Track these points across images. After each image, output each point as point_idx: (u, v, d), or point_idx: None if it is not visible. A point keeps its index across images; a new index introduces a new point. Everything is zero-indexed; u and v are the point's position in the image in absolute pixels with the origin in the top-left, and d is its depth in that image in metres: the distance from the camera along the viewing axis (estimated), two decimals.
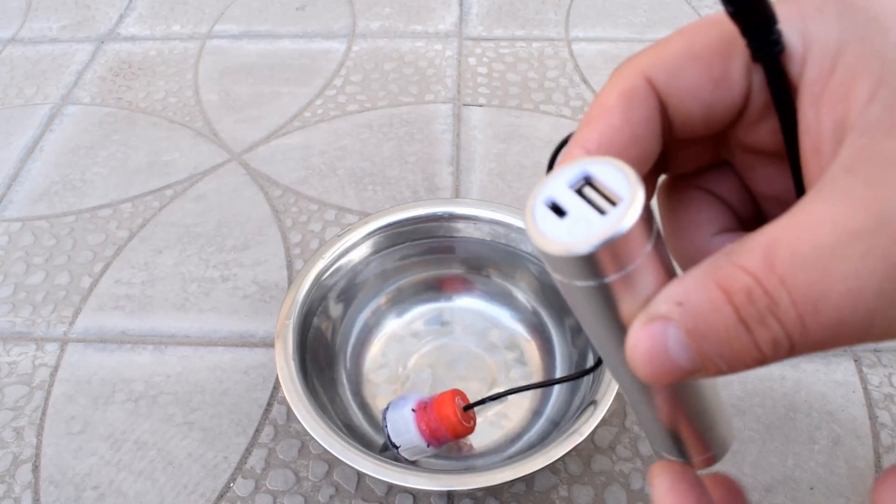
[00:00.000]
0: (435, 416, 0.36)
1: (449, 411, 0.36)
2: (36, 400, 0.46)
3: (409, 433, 0.37)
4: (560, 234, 0.13)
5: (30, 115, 0.67)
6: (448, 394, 0.37)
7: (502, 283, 0.48)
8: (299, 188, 0.59)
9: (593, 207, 0.13)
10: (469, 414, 0.38)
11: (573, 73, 0.70)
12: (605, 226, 0.12)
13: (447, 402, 0.37)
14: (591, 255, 0.12)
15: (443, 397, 0.37)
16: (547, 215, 0.13)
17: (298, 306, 0.41)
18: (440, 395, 0.37)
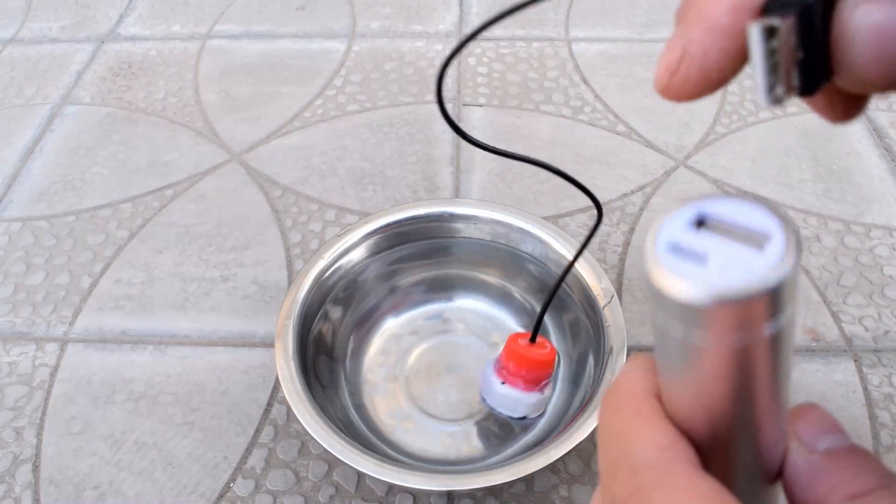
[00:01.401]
0: (514, 367, 0.36)
1: (522, 353, 0.36)
2: (36, 400, 0.46)
3: (515, 400, 0.37)
4: (706, 278, 0.10)
5: (30, 115, 0.67)
6: (509, 342, 0.37)
7: (502, 283, 0.48)
8: (299, 188, 0.59)
9: (742, 244, 0.11)
10: (539, 343, 0.37)
11: (573, 73, 0.70)
12: (773, 260, 0.10)
13: (513, 347, 0.36)
14: (773, 290, 0.10)
15: (508, 348, 0.37)
16: (677, 261, 0.11)
17: (298, 306, 0.41)
18: (504, 347, 0.37)
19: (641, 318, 0.49)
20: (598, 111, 0.66)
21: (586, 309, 0.42)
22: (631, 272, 0.52)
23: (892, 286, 0.51)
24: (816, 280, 0.51)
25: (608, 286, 0.41)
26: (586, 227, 0.55)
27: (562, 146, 0.62)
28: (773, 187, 0.59)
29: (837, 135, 0.63)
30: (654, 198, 0.57)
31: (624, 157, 0.61)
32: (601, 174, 0.59)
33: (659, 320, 0.12)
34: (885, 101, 0.67)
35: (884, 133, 0.63)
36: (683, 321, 0.11)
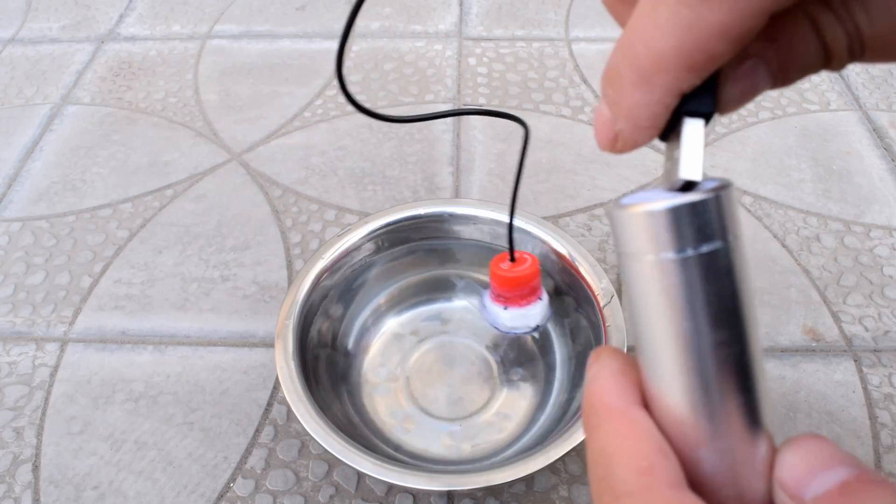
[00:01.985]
0: (508, 290, 0.38)
1: (508, 276, 0.37)
2: (36, 400, 0.46)
3: (523, 316, 0.38)
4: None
5: (30, 115, 0.67)
6: (493, 270, 0.38)
7: None
8: (299, 188, 0.59)
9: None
10: (519, 258, 0.38)
11: (573, 73, 0.70)
12: (694, 196, 0.13)
13: (498, 273, 0.38)
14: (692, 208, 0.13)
15: (494, 275, 0.38)
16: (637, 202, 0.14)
17: (298, 306, 0.41)
18: (490, 276, 0.38)
19: None
20: None
21: (586, 309, 0.42)
22: None
23: (892, 286, 0.51)
24: (816, 280, 0.51)
25: (608, 286, 0.41)
26: (586, 227, 0.55)
27: (562, 146, 0.62)
28: (773, 187, 0.59)
29: (837, 135, 0.63)
30: None
31: (624, 157, 0.61)
32: (601, 174, 0.59)
33: (630, 252, 0.14)
34: (885, 101, 0.67)
35: (884, 133, 0.63)
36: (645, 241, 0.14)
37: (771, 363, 0.47)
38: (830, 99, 0.67)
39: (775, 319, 0.49)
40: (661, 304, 0.14)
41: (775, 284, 0.51)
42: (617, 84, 0.14)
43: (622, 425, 0.14)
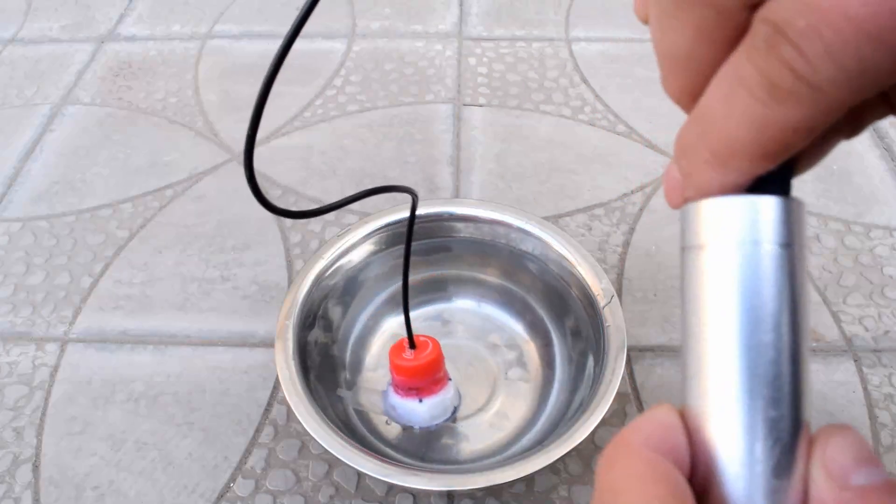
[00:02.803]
0: (409, 380, 0.37)
1: (405, 364, 0.36)
2: (36, 400, 0.46)
3: (404, 407, 0.37)
4: None
5: (30, 115, 0.67)
6: (391, 356, 0.37)
7: (502, 283, 0.48)
8: (299, 188, 0.59)
9: None
10: (418, 343, 0.37)
11: (573, 73, 0.70)
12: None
13: (396, 363, 0.36)
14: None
15: (391, 362, 0.37)
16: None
17: (298, 306, 0.41)
18: (388, 356, 0.37)
19: (641, 318, 0.49)
20: (598, 111, 0.66)
21: (586, 309, 0.42)
22: (631, 272, 0.52)
23: (892, 286, 0.51)
24: (816, 280, 0.51)
25: (608, 286, 0.41)
26: (586, 227, 0.55)
27: (562, 146, 0.62)
28: None
29: None
30: (654, 198, 0.57)
31: (624, 157, 0.61)
32: (601, 174, 0.59)
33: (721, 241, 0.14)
34: None
35: (884, 133, 0.63)
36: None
37: None
38: None
39: None
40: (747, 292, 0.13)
41: None
42: (691, 158, 0.14)
43: (638, 464, 0.13)
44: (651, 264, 0.53)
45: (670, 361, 0.47)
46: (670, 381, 0.46)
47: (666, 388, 0.45)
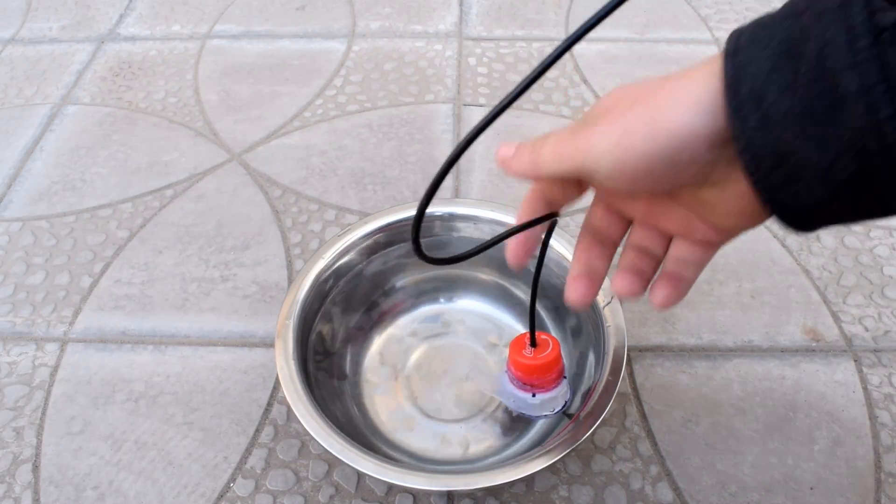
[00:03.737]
0: (531, 378, 0.36)
1: (529, 363, 0.36)
2: (36, 400, 0.46)
3: (552, 400, 0.37)
4: None
5: (30, 115, 0.67)
6: (512, 354, 0.37)
7: (502, 283, 0.48)
8: (299, 188, 0.59)
9: None
10: (540, 342, 0.37)
11: (573, 73, 0.70)
12: None
13: (519, 360, 0.36)
14: None
15: (515, 362, 0.36)
16: None
17: (298, 306, 0.41)
18: (510, 360, 0.37)
19: (641, 318, 0.49)
20: None
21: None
22: None
23: (892, 286, 0.51)
24: (816, 280, 0.52)
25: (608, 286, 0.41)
26: None
27: None
28: None
29: None
30: None
31: None
32: None
33: None
34: None
35: None
36: None
37: (771, 363, 0.47)
38: None
39: (775, 319, 0.49)
40: None
41: (775, 284, 0.51)
42: (538, 151, 0.27)
43: None
44: None
45: (670, 361, 0.47)
46: (670, 381, 0.46)
47: (666, 388, 0.45)
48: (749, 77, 0.20)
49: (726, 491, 0.41)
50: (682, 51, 0.72)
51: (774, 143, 0.20)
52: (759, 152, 0.20)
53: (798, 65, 0.19)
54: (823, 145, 0.19)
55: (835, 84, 0.18)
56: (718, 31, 0.75)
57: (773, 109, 0.19)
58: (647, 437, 0.43)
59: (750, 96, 0.20)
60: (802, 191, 0.20)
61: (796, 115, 0.19)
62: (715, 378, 0.46)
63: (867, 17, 0.18)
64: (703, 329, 0.49)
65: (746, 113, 0.20)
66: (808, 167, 0.19)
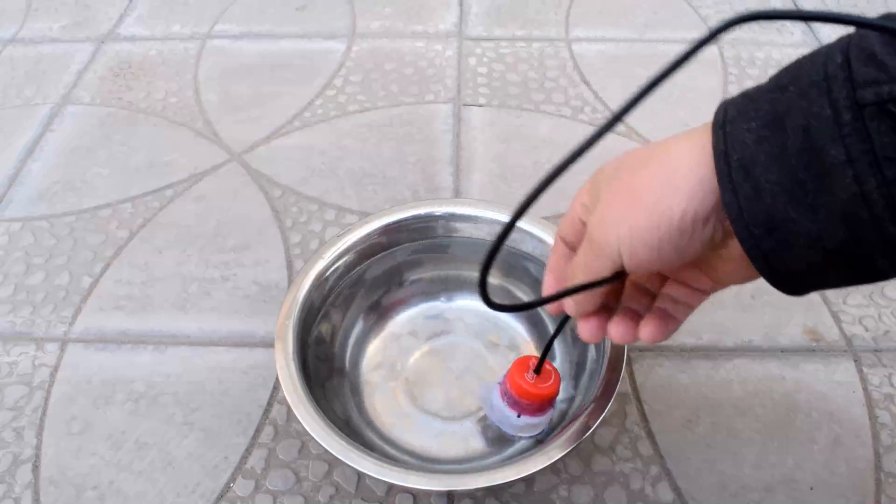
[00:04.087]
0: (524, 401, 0.36)
1: (529, 389, 0.36)
2: (36, 400, 0.46)
3: (533, 426, 0.37)
4: None
5: (30, 115, 0.67)
6: (515, 373, 0.36)
7: (502, 283, 0.48)
8: (299, 188, 0.59)
9: None
10: (546, 372, 0.36)
11: (573, 73, 0.70)
12: None
13: (519, 384, 0.36)
14: None
15: (515, 384, 0.36)
16: None
17: (298, 306, 0.41)
18: (510, 378, 0.37)
19: None
20: (599, 111, 0.66)
21: None
22: None
23: (892, 286, 0.51)
24: None
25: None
26: None
27: (562, 146, 0.62)
28: None
29: None
30: None
31: None
32: None
33: None
34: None
35: None
36: None
37: (771, 363, 0.47)
38: None
39: (775, 319, 0.49)
40: None
41: None
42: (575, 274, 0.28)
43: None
44: None
45: (670, 361, 0.47)
46: (670, 382, 0.46)
47: (666, 388, 0.45)
48: (738, 148, 0.21)
49: (726, 491, 0.41)
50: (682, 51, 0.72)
51: (765, 212, 0.20)
52: (751, 220, 0.21)
53: (784, 137, 0.20)
54: (814, 214, 0.20)
55: (822, 156, 0.19)
56: None
57: (762, 179, 0.20)
58: (647, 437, 0.43)
59: (739, 167, 0.21)
60: (794, 257, 0.21)
61: (785, 184, 0.20)
62: (715, 378, 0.46)
63: (850, 93, 0.19)
64: (703, 329, 0.49)
65: (737, 183, 0.21)
66: (799, 235, 0.20)
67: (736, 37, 0.74)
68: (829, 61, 0.20)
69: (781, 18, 0.20)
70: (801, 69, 0.21)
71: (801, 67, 0.21)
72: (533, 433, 0.39)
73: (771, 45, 0.73)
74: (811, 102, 0.19)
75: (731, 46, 0.73)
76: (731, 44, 0.73)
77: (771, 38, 0.74)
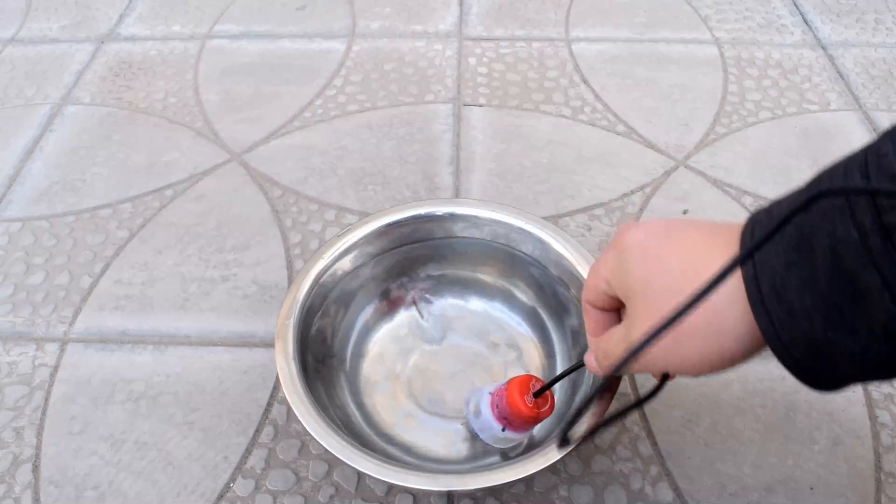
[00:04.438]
0: (514, 419, 0.36)
1: (524, 411, 0.36)
2: (36, 400, 0.46)
3: (509, 440, 0.38)
4: None
5: (30, 115, 0.67)
6: (514, 390, 0.36)
7: (502, 283, 0.48)
8: (299, 188, 0.59)
9: None
10: (543, 398, 0.37)
11: (573, 73, 0.70)
12: None
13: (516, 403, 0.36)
14: None
15: (512, 400, 0.36)
16: None
17: (298, 306, 0.41)
18: (508, 393, 0.36)
19: None
20: (598, 111, 0.66)
21: None
22: None
23: None
24: None
25: None
26: (586, 227, 0.55)
27: (562, 146, 0.62)
28: (772, 187, 0.59)
29: (837, 135, 0.63)
30: (654, 198, 0.58)
31: (624, 157, 0.61)
32: (601, 174, 0.59)
33: None
34: (885, 101, 0.67)
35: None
36: None
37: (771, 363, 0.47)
38: (830, 99, 0.67)
39: None
40: None
41: None
42: (601, 362, 0.31)
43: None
44: None
45: None
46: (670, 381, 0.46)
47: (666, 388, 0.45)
48: (768, 273, 0.21)
49: (726, 491, 0.41)
50: (681, 51, 0.72)
51: (803, 335, 0.21)
52: (790, 343, 0.21)
53: (814, 261, 0.20)
54: (854, 335, 0.20)
55: (855, 281, 0.19)
56: (718, 31, 0.75)
57: (797, 305, 0.21)
58: (647, 437, 0.43)
59: (771, 292, 0.21)
60: (836, 371, 0.21)
61: (821, 308, 0.20)
62: (715, 378, 0.46)
63: (875, 217, 0.19)
64: None
65: (770, 308, 0.21)
66: (841, 353, 0.20)
67: (736, 37, 0.74)
68: (849, 181, 0.20)
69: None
70: (821, 187, 0.20)
71: (821, 185, 0.21)
72: (508, 446, 0.39)
73: (771, 45, 0.74)
74: (835, 226, 0.19)
75: (731, 46, 0.73)
76: (731, 44, 0.73)
77: (771, 38, 0.74)
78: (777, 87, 0.68)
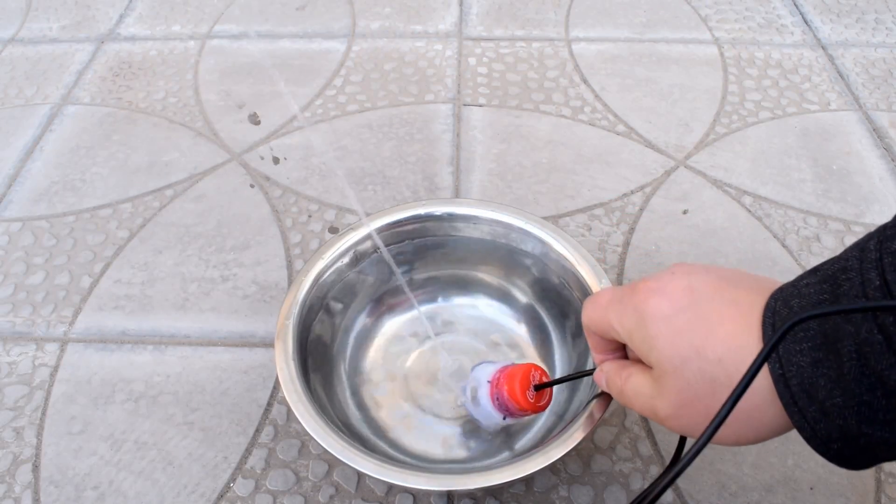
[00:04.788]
0: (512, 405, 0.36)
1: (522, 401, 0.36)
2: (36, 400, 0.46)
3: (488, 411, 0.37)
4: None
5: (30, 115, 0.67)
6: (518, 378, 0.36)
7: (502, 283, 0.48)
8: (299, 188, 0.59)
9: None
10: (543, 392, 0.37)
11: (573, 73, 0.70)
12: None
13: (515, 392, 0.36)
14: None
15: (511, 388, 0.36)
16: None
17: (298, 306, 0.41)
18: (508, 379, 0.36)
19: None
20: (598, 111, 0.66)
21: None
22: (631, 272, 0.52)
23: None
24: None
25: (608, 286, 0.41)
26: (586, 227, 0.55)
27: (562, 146, 0.62)
28: (772, 187, 0.59)
29: (837, 135, 0.63)
30: (654, 198, 0.58)
31: (624, 157, 0.61)
32: (601, 174, 0.59)
33: None
34: (885, 101, 0.67)
35: (884, 133, 0.63)
36: None
37: None
38: (830, 99, 0.67)
39: None
40: None
41: None
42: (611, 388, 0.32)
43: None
44: (651, 264, 0.53)
45: None
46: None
47: None
48: (795, 372, 0.21)
49: (726, 491, 0.41)
50: (681, 51, 0.72)
51: (839, 430, 0.21)
52: (827, 438, 0.21)
53: (839, 360, 0.20)
54: (888, 426, 0.20)
55: (883, 380, 0.19)
56: (718, 30, 0.76)
57: (828, 403, 0.21)
58: (647, 437, 0.43)
59: (801, 390, 0.21)
60: (875, 457, 0.21)
61: (852, 406, 0.20)
62: None
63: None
64: None
65: (803, 407, 0.22)
66: (878, 444, 0.21)
67: (736, 37, 0.75)
68: (867, 283, 0.20)
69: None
70: (838, 287, 0.21)
71: (837, 284, 0.21)
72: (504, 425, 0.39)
73: (771, 45, 0.74)
74: (858, 327, 0.20)
75: (731, 46, 0.73)
76: (731, 44, 0.73)
77: (770, 38, 0.74)
78: (777, 86, 0.68)
